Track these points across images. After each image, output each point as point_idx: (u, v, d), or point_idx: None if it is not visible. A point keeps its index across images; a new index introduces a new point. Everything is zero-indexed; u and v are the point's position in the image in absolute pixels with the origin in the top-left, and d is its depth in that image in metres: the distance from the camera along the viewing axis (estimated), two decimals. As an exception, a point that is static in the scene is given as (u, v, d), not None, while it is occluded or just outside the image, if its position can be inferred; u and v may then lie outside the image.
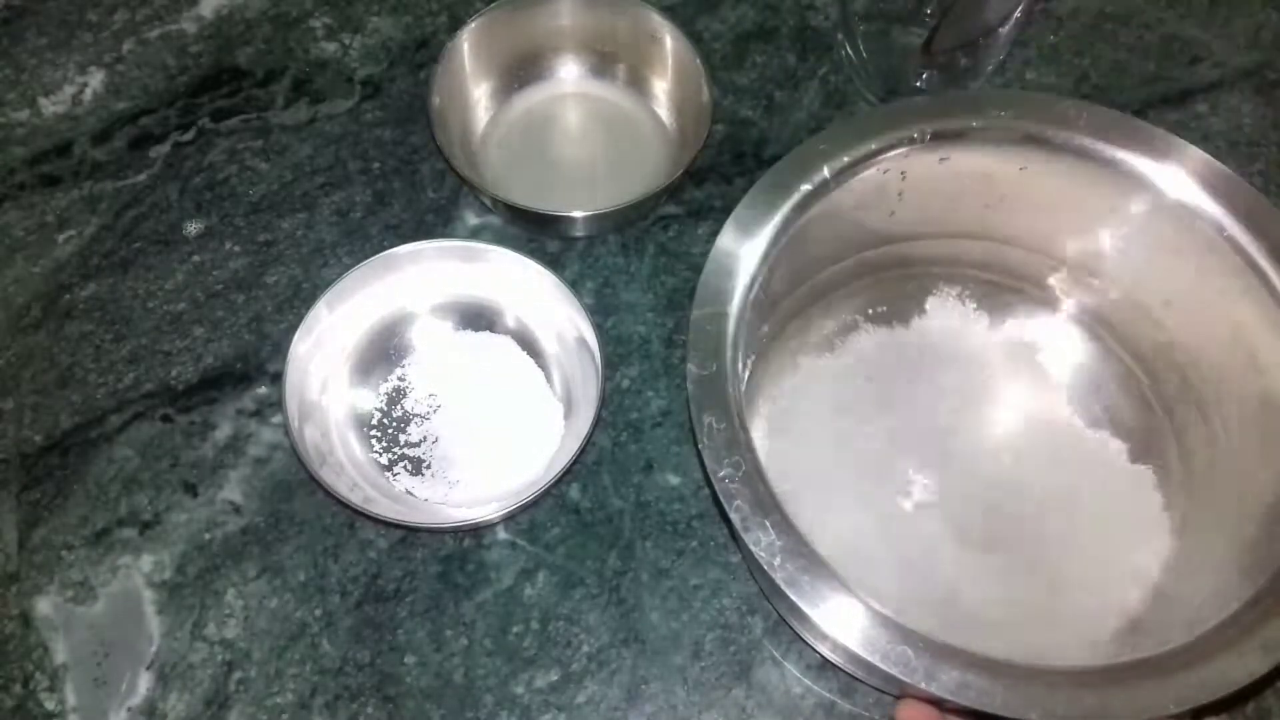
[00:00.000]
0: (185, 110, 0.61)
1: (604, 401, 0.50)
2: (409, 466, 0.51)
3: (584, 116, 0.61)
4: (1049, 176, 0.47)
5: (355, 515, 0.50)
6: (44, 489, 0.51)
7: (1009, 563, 0.47)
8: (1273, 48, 0.63)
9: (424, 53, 0.62)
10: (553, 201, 0.55)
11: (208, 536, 0.50)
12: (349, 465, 0.50)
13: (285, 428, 0.48)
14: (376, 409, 0.52)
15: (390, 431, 0.52)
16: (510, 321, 0.54)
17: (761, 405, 0.50)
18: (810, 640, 0.46)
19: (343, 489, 0.47)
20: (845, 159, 0.45)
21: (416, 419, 0.52)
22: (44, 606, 0.49)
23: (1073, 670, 0.36)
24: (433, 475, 0.51)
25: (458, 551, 0.50)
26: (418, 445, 0.51)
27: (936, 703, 0.39)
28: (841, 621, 0.37)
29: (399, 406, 0.52)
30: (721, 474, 0.39)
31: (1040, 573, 0.46)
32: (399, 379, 0.53)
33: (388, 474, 0.51)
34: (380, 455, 0.51)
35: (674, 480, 0.51)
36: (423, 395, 0.52)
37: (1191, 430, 0.48)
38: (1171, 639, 0.38)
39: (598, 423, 0.49)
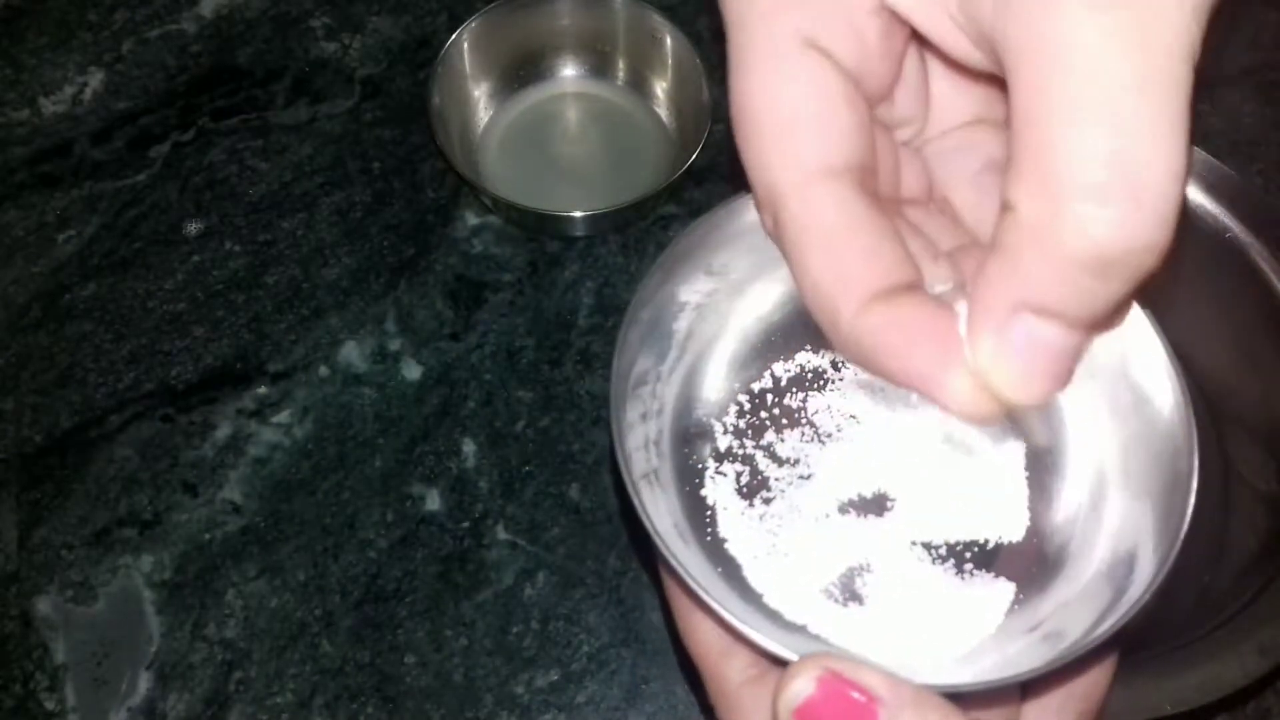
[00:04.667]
0: (185, 110, 0.61)
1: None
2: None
3: (584, 116, 0.61)
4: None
5: (353, 516, 0.50)
6: (44, 489, 0.51)
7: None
8: (1273, 47, 0.63)
9: (424, 52, 0.62)
10: (553, 201, 0.55)
11: (207, 536, 0.50)
12: None
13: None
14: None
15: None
16: None
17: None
18: None
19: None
20: None
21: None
22: (44, 606, 0.49)
23: None
24: None
25: (457, 551, 0.50)
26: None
27: None
28: None
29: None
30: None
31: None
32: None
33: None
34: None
35: (673, 480, 0.51)
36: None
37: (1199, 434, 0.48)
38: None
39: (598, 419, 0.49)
